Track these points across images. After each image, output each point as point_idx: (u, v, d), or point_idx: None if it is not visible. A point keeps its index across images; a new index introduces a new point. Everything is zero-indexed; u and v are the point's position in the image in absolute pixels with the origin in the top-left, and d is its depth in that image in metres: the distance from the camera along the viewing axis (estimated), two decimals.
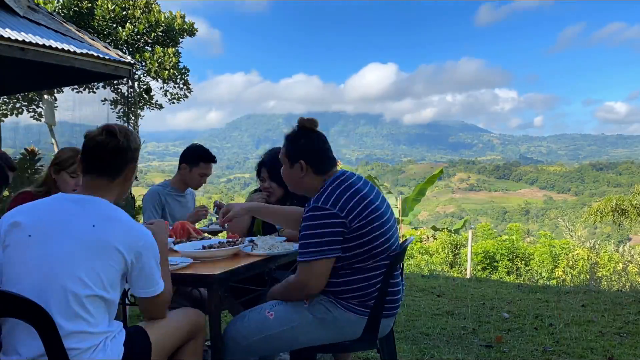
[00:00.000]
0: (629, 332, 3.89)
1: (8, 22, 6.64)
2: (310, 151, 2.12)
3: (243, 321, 2.09)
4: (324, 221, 1.94)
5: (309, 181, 2.13)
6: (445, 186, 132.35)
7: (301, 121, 2.17)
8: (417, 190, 14.37)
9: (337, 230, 1.94)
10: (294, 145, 2.15)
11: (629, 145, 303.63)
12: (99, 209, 1.67)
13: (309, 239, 1.95)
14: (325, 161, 2.14)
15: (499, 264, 12.56)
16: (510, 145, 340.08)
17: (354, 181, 2.08)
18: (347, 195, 1.99)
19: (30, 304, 1.48)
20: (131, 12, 14.28)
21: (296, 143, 2.14)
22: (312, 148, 2.13)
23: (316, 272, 1.97)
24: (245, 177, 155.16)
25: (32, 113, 15.19)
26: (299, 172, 2.13)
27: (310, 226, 1.95)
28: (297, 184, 2.18)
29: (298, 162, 2.12)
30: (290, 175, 2.18)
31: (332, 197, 1.98)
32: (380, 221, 2.03)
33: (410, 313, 4.46)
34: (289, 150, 2.15)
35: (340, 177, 2.08)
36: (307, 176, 2.13)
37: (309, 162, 2.11)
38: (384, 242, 2.03)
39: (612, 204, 16.96)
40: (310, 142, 2.14)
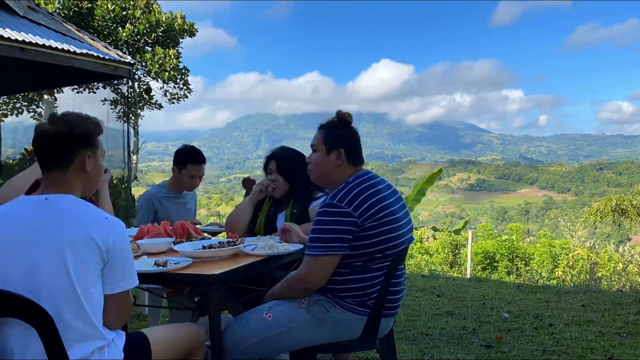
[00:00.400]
0: (629, 332, 3.89)
1: (8, 22, 6.64)
2: (349, 142, 2.15)
3: (241, 323, 2.09)
4: (337, 218, 1.95)
5: (340, 171, 2.14)
6: (445, 186, 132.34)
7: (340, 113, 2.19)
8: (417, 190, 14.36)
9: (348, 228, 1.95)
10: (333, 134, 2.16)
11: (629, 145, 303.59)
12: (65, 206, 1.60)
13: (319, 233, 1.97)
14: (359, 154, 2.18)
15: (499, 264, 12.56)
16: (510, 145, 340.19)
17: (376, 182, 2.09)
18: (365, 195, 2.00)
19: (30, 304, 1.48)
20: (131, 12, 14.28)
21: (336, 132, 2.17)
22: (351, 139, 2.16)
23: (320, 267, 1.99)
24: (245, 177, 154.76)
25: (32, 113, 15.19)
26: (335, 160, 2.14)
27: (322, 221, 1.97)
28: (327, 173, 2.17)
29: (336, 150, 2.13)
30: (324, 163, 2.17)
31: (349, 196, 1.99)
32: (394, 225, 2.03)
33: (410, 313, 4.46)
34: (328, 137, 2.16)
35: (362, 177, 2.09)
36: (342, 166, 2.14)
37: (347, 152, 2.13)
38: (395, 247, 2.03)
39: (612, 204, 16.96)
40: (349, 134, 2.17)
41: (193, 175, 3.38)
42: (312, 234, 2.00)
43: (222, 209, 62.23)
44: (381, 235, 1.99)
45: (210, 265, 2.15)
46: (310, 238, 2.01)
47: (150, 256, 2.25)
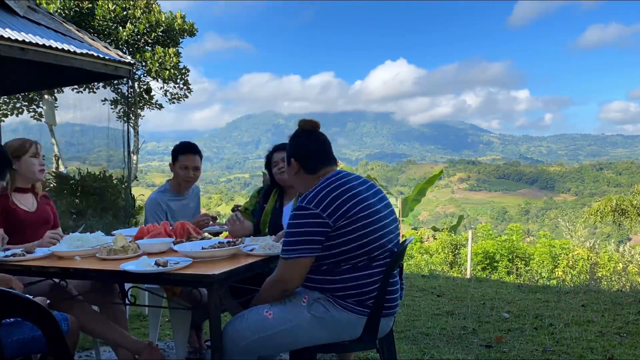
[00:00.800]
0: (629, 332, 3.89)
1: (8, 22, 6.64)
2: (302, 150, 2.20)
3: (241, 321, 2.10)
4: (306, 220, 1.99)
5: (302, 180, 2.21)
6: (445, 186, 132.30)
7: (300, 122, 2.25)
8: (417, 191, 14.37)
9: (317, 230, 1.98)
10: (290, 145, 2.25)
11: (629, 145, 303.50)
12: None
13: (290, 237, 2.01)
14: (314, 161, 2.18)
15: (499, 264, 12.55)
16: (510, 145, 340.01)
17: (348, 181, 2.09)
18: (335, 194, 2.02)
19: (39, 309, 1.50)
20: (131, 12, 14.28)
21: (291, 142, 2.25)
22: (304, 148, 2.20)
23: (293, 269, 2.03)
24: (245, 177, 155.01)
25: (32, 113, 15.20)
26: (292, 170, 2.23)
27: (293, 224, 2.02)
28: (293, 182, 2.29)
29: (291, 161, 2.22)
30: (288, 174, 2.29)
31: (317, 197, 2.01)
32: (371, 219, 2.03)
33: (410, 313, 4.46)
34: (288, 149, 2.25)
35: (333, 177, 2.11)
36: (298, 174, 2.21)
37: (299, 161, 2.19)
38: (374, 241, 2.03)
39: (612, 204, 16.96)
40: (304, 142, 2.21)
41: (185, 165, 3.36)
42: (285, 237, 2.05)
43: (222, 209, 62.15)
44: (357, 232, 2.00)
45: (210, 265, 2.15)
46: (283, 241, 2.06)
47: (150, 256, 2.25)
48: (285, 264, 2.03)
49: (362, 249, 2.02)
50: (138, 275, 2.06)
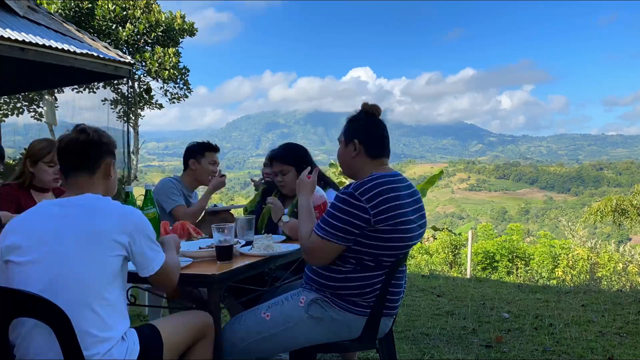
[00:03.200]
0: (629, 332, 3.89)
1: (8, 22, 6.64)
2: (366, 132, 2.13)
3: (240, 323, 2.10)
4: (352, 210, 1.95)
5: (359, 163, 2.13)
6: (445, 186, 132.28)
7: (364, 105, 2.18)
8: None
9: (359, 223, 1.95)
10: (351, 125, 2.17)
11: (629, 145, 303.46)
12: (84, 204, 1.71)
13: (332, 218, 1.97)
14: (379, 146, 2.14)
15: (499, 264, 12.56)
16: (510, 145, 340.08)
17: (399, 187, 2.06)
18: (386, 196, 1.97)
19: (47, 304, 1.50)
20: (131, 12, 14.28)
21: (354, 123, 2.17)
22: (368, 130, 2.14)
23: (324, 250, 2.00)
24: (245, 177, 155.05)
25: (33, 113, 15.20)
26: (351, 151, 2.14)
27: (338, 208, 1.97)
28: (348, 164, 2.18)
29: (352, 141, 2.13)
30: (343, 154, 2.19)
31: (371, 192, 1.96)
32: (404, 229, 2.01)
33: (410, 313, 4.45)
34: (346, 128, 2.18)
35: (388, 177, 2.05)
36: (358, 157, 2.13)
37: (363, 142, 2.12)
38: (399, 247, 2.03)
39: (612, 204, 16.96)
40: (368, 124, 2.15)
41: (213, 161, 3.46)
42: (326, 215, 2.00)
43: None
44: (391, 241, 1.99)
45: (210, 265, 2.15)
46: (322, 218, 2.02)
47: None
48: (318, 241, 2.00)
49: (384, 254, 2.01)
50: (137, 274, 2.05)
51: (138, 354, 1.68)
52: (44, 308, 1.50)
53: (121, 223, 1.68)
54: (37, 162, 2.85)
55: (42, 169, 2.86)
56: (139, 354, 1.68)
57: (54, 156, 2.87)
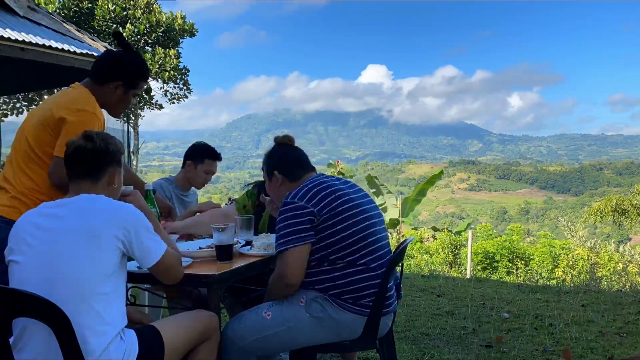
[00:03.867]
0: (629, 332, 3.89)
1: (8, 22, 6.64)
2: (282, 162, 2.30)
3: (240, 322, 2.10)
4: (292, 213, 2.04)
5: (286, 189, 2.23)
6: (445, 186, 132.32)
7: (276, 139, 2.39)
8: (417, 191, 14.37)
9: (305, 219, 2.03)
10: (268, 160, 2.35)
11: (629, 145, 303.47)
12: (78, 204, 1.73)
13: (281, 230, 2.05)
14: (296, 168, 2.30)
15: (499, 264, 12.55)
16: (510, 145, 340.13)
17: (329, 180, 2.18)
18: (317, 189, 2.09)
19: (46, 304, 1.50)
20: (132, 12, 14.29)
21: (270, 157, 2.35)
22: (285, 159, 2.31)
23: (290, 261, 2.04)
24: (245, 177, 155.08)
25: None
26: (276, 183, 2.30)
27: (280, 219, 2.07)
28: (278, 194, 2.32)
29: (273, 174, 2.30)
30: (271, 188, 2.36)
31: (301, 192, 2.09)
32: (355, 212, 2.09)
33: (410, 313, 4.46)
34: (267, 165, 2.35)
35: (314, 179, 2.19)
36: (283, 185, 2.28)
37: (282, 172, 2.28)
38: (364, 237, 2.07)
39: (612, 204, 16.96)
40: (283, 154, 2.33)
41: (209, 170, 3.41)
42: (276, 232, 2.08)
43: None
44: (343, 223, 2.05)
45: (210, 265, 2.15)
46: (276, 237, 2.09)
47: None
48: (281, 257, 2.06)
49: (349, 240, 2.05)
50: (136, 275, 2.06)
51: (137, 354, 1.68)
52: (43, 308, 1.50)
53: (114, 218, 1.69)
54: None
55: None
56: (139, 355, 1.68)
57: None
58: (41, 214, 1.74)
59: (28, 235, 1.68)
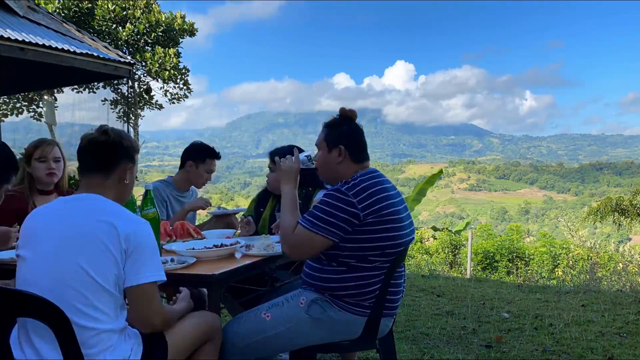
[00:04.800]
0: (629, 332, 3.89)
1: (8, 22, 6.64)
2: (351, 138, 2.16)
3: (240, 323, 2.10)
4: (341, 205, 1.97)
5: (344, 168, 2.15)
6: (445, 186, 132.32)
7: (342, 110, 2.21)
8: (417, 191, 14.35)
9: (348, 218, 1.97)
10: (334, 131, 2.18)
11: (629, 145, 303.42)
12: (91, 203, 1.70)
13: (320, 212, 1.99)
14: (362, 150, 2.19)
15: (499, 264, 12.54)
16: (510, 145, 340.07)
17: (383, 180, 2.11)
18: (372, 190, 2.02)
19: (47, 304, 1.50)
20: (131, 12, 14.28)
21: (337, 129, 2.18)
22: (352, 136, 2.18)
23: (306, 242, 2.01)
24: (245, 177, 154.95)
25: (32, 113, 15.20)
26: (336, 157, 2.15)
27: (326, 203, 1.99)
28: (331, 170, 2.19)
29: (337, 147, 2.15)
30: (326, 160, 2.19)
31: (357, 188, 2.00)
32: (396, 224, 2.04)
33: (410, 313, 4.46)
34: (329, 135, 2.18)
35: (371, 173, 2.12)
36: (343, 162, 2.15)
37: (348, 148, 2.14)
38: (394, 245, 2.04)
39: (612, 204, 16.93)
40: (351, 130, 2.18)
41: (210, 170, 3.40)
42: (313, 209, 2.02)
43: None
44: (382, 232, 2.00)
45: (210, 265, 2.15)
46: (309, 212, 2.03)
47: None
48: (301, 233, 2.01)
49: (381, 249, 2.02)
50: None
51: (141, 355, 1.68)
52: (43, 308, 1.50)
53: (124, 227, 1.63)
54: (30, 161, 2.84)
55: (34, 166, 2.84)
56: (142, 355, 1.68)
57: (44, 151, 2.86)
58: (53, 209, 1.72)
59: (38, 230, 1.67)
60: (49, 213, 1.71)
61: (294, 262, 2.59)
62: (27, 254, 1.65)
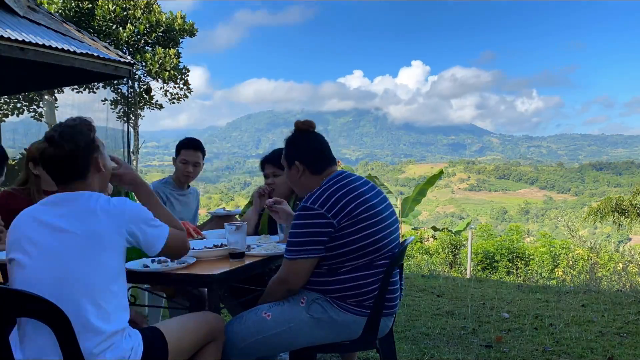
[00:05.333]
0: (629, 332, 3.89)
1: (8, 22, 6.64)
2: (305, 152, 2.18)
3: (240, 322, 2.10)
4: (310, 221, 1.99)
5: (307, 181, 2.18)
6: (445, 186, 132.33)
7: (297, 123, 2.25)
8: (417, 191, 14.37)
9: (322, 230, 1.98)
10: (291, 147, 2.22)
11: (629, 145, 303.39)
12: (79, 204, 1.69)
13: (295, 237, 2.01)
14: (320, 161, 2.18)
15: (499, 264, 12.55)
16: (510, 145, 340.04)
17: (351, 181, 2.10)
18: (339, 194, 2.02)
19: (47, 304, 1.50)
20: (132, 12, 14.29)
21: (292, 145, 2.22)
22: (307, 148, 2.19)
23: (297, 270, 2.03)
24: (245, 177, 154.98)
25: (33, 113, 15.21)
26: (296, 173, 2.19)
27: (297, 225, 2.02)
28: (297, 184, 2.24)
29: (294, 164, 2.18)
30: (289, 177, 2.25)
31: (322, 198, 2.01)
32: (374, 220, 2.04)
33: (410, 313, 4.46)
34: (287, 152, 2.23)
35: (336, 177, 2.11)
36: (304, 176, 2.18)
37: (304, 163, 2.17)
38: (377, 242, 2.04)
39: (612, 204, 16.94)
40: (305, 143, 2.20)
41: (184, 160, 3.35)
42: (289, 237, 2.04)
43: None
44: (361, 232, 2.00)
45: (210, 265, 2.15)
46: (287, 242, 2.05)
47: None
48: (290, 264, 2.03)
49: (364, 249, 2.02)
50: (136, 274, 2.06)
51: (141, 355, 1.68)
52: (44, 308, 1.50)
53: (116, 219, 1.67)
54: (37, 164, 2.79)
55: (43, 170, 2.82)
56: (143, 355, 1.68)
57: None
58: (42, 211, 1.70)
59: (32, 232, 1.66)
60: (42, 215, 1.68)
61: None
62: (24, 258, 1.63)
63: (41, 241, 1.64)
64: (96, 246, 1.63)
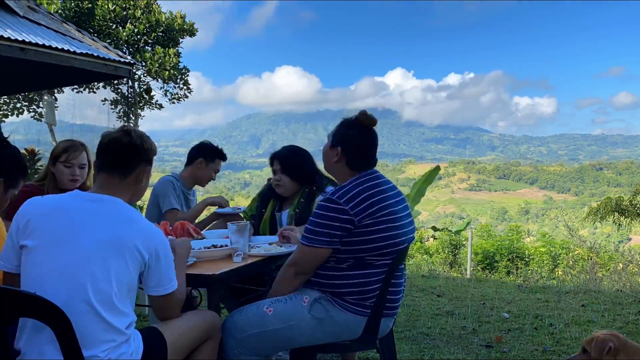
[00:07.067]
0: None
1: (8, 22, 6.64)
2: (352, 144, 2.17)
3: (241, 314, 2.10)
4: (333, 214, 2.00)
5: (338, 169, 2.20)
6: (445, 186, 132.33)
7: (360, 116, 2.20)
8: (416, 190, 14.32)
9: (341, 225, 1.99)
10: (341, 131, 2.20)
11: (629, 145, 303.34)
12: (116, 208, 1.69)
13: (314, 226, 2.03)
14: (360, 159, 2.18)
15: (499, 264, 12.53)
16: (510, 145, 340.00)
17: (380, 183, 2.12)
18: (366, 194, 2.04)
19: (47, 304, 1.50)
20: (131, 12, 14.29)
21: (345, 129, 2.20)
22: (355, 142, 2.17)
23: (310, 256, 2.05)
24: (245, 177, 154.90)
25: (33, 113, 15.21)
26: (334, 156, 2.19)
27: (319, 215, 2.03)
28: (328, 164, 2.25)
29: (337, 147, 2.17)
30: (327, 154, 2.23)
31: (349, 194, 2.03)
32: (393, 224, 2.06)
33: (410, 313, 4.46)
34: (336, 132, 2.21)
35: (367, 176, 2.13)
36: (339, 164, 2.18)
37: (345, 152, 2.16)
38: (392, 244, 2.06)
39: (612, 204, 16.92)
40: (356, 136, 2.18)
41: (217, 170, 3.49)
42: (308, 224, 2.05)
43: None
44: (378, 233, 2.02)
45: (210, 265, 2.15)
46: (305, 228, 2.06)
47: None
48: (303, 249, 2.06)
49: (379, 249, 2.04)
50: None
51: (141, 355, 1.68)
52: (44, 308, 1.50)
53: (147, 238, 1.67)
54: (55, 162, 2.84)
55: (59, 169, 2.84)
56: (142, 355, 1.68)
57: (70, 156, 2.85)
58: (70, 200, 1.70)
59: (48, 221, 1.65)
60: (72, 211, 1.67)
61: None
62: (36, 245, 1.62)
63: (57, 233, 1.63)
64: (114, 250, 1.61)
